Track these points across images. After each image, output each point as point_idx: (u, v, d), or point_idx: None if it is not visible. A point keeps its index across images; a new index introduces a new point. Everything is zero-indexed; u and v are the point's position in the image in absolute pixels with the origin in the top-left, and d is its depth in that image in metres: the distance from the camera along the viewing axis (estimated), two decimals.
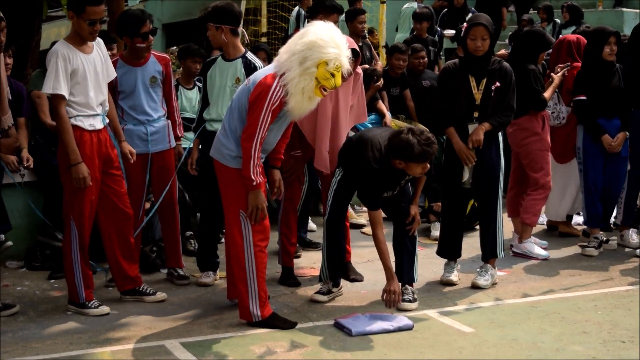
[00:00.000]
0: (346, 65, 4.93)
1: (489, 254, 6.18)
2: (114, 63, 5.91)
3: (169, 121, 6.15)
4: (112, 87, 5.85)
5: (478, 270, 6.20)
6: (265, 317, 5.14)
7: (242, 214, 5.07)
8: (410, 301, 5.57)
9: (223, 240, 7.22)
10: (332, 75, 4.86)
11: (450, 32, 12.28)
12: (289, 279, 6.16)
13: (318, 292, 5.76)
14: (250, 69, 5.82)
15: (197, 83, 7.75)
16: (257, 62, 5.95)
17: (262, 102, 4.85)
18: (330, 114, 5.76)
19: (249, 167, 4.93)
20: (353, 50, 5.51)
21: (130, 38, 5.89)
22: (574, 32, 9.66)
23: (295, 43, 4.91)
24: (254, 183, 4.95)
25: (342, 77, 4.99)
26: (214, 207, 6.15)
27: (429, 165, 5.29)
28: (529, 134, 6.93)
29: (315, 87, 4.87)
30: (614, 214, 7.98)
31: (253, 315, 5.13)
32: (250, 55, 5.98)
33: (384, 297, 5.36)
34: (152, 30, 5.94)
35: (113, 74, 5.63)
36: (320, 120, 5.73)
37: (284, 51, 4.98)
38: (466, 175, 5.98)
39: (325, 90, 4.91)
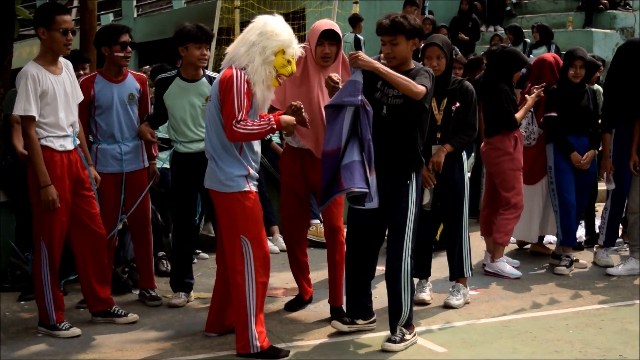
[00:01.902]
0: (299, 52, 5.01)
1: (455, 274, 6.19)
2: (92, 78, 5.92)
3: (142, 141, 6.14)
4: (88, 102, 5.83)
5: (450, 289, 6.21)
6: (264, 349, 4.96)
7: (244, 239, 4.93)
8: (395, 342, 5.16)
9: (196, 260, 7.24)
10: (289, 62, 4.94)
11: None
12: None
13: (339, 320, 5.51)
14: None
15: None
16: (217, 74, 6.01)
17: (230, 90, 4.82)
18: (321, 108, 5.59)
19: (261, 134, 4.87)
20: (335, 34, 5.50)
21: (109, 47, 5.88)
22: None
23: (249, 36, 4.91)
24: (274, 126, 4.90)
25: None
26: (188, 227, 6.13)
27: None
28: (501, 154, 6.98)
29: (274, 76, 4.94)
30: (583, 232, 8.10)
31: (252, 347, 4.94)
32: (209, 72, 6.07)
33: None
34: (131, 43, 5.95)
35: (81, 97, 5.59)
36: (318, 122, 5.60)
37: (239, 46, 4.94)
38: (427, 198, 5.87)
39: (281, 78, 4.98)
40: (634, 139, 7.04)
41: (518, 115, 6.96)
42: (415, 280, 6.23)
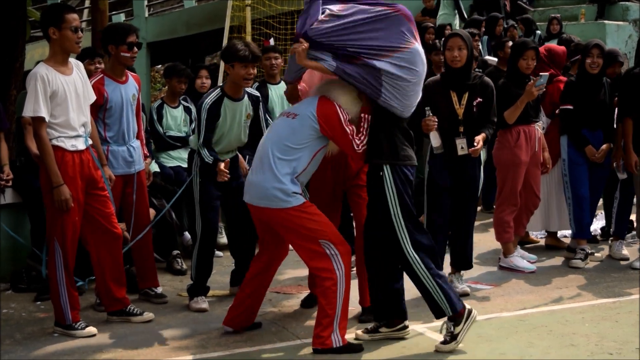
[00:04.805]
0: None
1: (461, 265, 6.31)
2: (100, 80, 5.86)
3: (139, 140, 6.17)
4: (100, 105, 5.79)
5: (455, 278, 6.26)
6: (345, 344, 5.03)
7: (325, 243, 4.98)
8: (445, 342, 5.07)
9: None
10: None
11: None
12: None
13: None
14: (253, 100, 6.00)
15: (183, 102, 7.75)
16: (254, 91, 6.15)
17: (337, 123, 4.99)
18: None
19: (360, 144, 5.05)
20: None
21: (116, 46, 5.85)
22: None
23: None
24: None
25: None
26: (215, 232, 6.10)
27: None
28: (501, 146, 6.95)
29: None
30: (601, 224, 8.05)
31: (334, 341, 4.99)
32: (248, 89, 6.03)
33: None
34: (138, 44, 5.95)
35: (93, 97, 5.58)
36: None
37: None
38: (435, 141, 5.89)
39: None
40: (627, 136, 7.02)
41: (505, 113, 6.73)
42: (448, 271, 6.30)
